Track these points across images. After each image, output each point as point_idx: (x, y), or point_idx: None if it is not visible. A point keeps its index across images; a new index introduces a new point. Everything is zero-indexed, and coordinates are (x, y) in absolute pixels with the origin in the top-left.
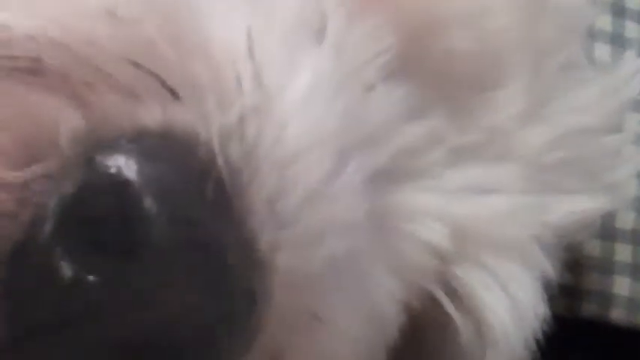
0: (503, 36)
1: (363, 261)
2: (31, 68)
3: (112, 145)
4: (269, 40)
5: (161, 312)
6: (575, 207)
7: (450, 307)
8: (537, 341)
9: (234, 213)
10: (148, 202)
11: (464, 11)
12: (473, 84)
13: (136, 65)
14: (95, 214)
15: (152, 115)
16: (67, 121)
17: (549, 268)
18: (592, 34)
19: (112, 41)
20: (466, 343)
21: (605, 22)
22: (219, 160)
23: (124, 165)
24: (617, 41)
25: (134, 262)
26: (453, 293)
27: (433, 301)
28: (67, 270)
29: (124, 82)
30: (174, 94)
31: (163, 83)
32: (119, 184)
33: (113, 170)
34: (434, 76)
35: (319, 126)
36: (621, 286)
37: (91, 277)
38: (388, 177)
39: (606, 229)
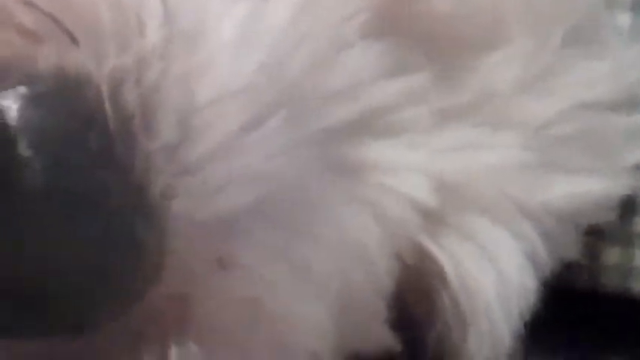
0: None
1: (309, 207)
2: None
3: (1, 87)
4: None
5: (32, 259)
6: (579, 188)
7: (442, 260)
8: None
9: (117, 159)
10: (23, 146)
11: None
12: (461, 46)
13: (35, 7)
14: None
15: (47, 58)
16: None
17: (542, 248)
18: (610, 1)
19: None
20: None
21: None
22: (107, 105)
23: (6, 108)
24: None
25: (5, 205)
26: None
27: (425, 256)
28: None
29: (24, 23)
30: (72, 37)
31: (61, 26)
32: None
33: None
34: (418, 37)
35: (236, 77)
36: None
37: None
38: (356, 132)
39: None
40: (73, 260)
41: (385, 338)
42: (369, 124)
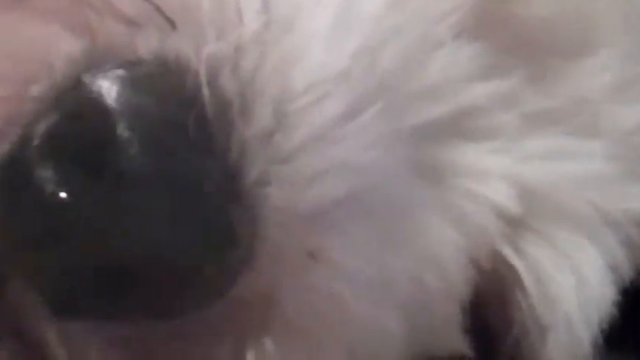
0: (592, 4)
1: (396, 207)
2: None
3: (100, 71)
4: None
5: (128, 236)
6: None
7: (520, 267)
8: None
9: (214, 144)
10: (122, 129)
11: None
12: (557, 50)
13: None
14: (76, 138)
15: (147, 43)
16: (64, 45)
17: (623, 256)
18: None
19: None
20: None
21: None
22: (205, 91)
23: (107, 91)
24: None
25: (106, 187)
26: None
27: (503, 262)
28: (47, 186)
29: (125, 9)
30: (172, 23)
31: (161, 12)
32: (100, 109)
33: (96, 96)
34: (513, 39)
35: (332, 65)
36: None
37: (66, 196)
38: (445, 132)
39: None
40: (167, 244)
41: (458, 343)
42: (458, 126)
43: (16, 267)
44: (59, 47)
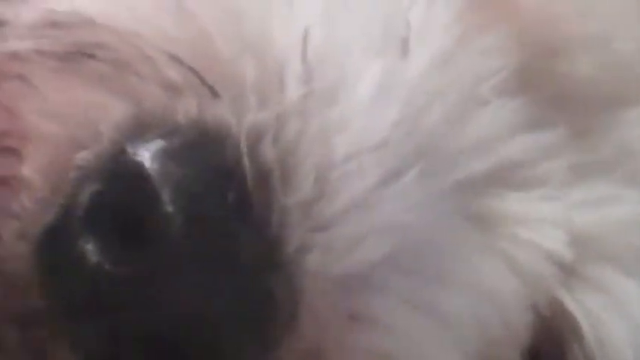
0: (633, 59)
1: (447, 255)
2: (88, 55)
3: (143, 141)
4: (331, 44)
5: (169, 308)
6: None
7: (577, 313)
8: None
9: (255, 214)
10: (165, 201)
11: (589, 35)
12: (600, 103)
13: (180, 61)
14: (118, 209)
15: (188, 111)
16: (110, 111)
17: None
18: None
19: (165, 34)
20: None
21: None
22: (245, 160)
23: (150, 162)
24: None
25: (147, 260)
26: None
27: (560, 309)
28: (86, 258)
29: (169, 76)
30: (213, 91)
31: (203, 80)
32: (142, 181)
33: (139, 167)
34: (557, 94)
35: (373, 133)
36: None
37: (107, 268)
38: (492, 184)
39: None
40: (210, 313)
41: None
42: (504, 177)
43: (59, 335)
44: (104, 111)
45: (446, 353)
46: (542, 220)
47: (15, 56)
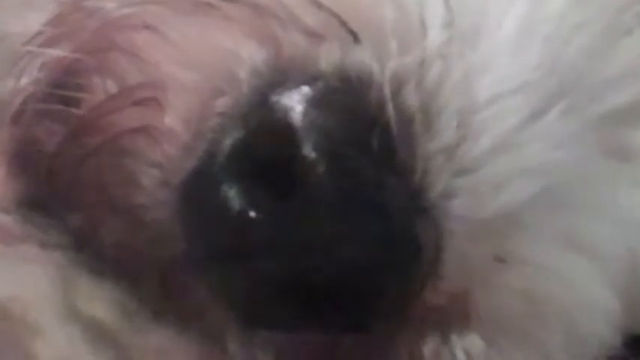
0: None
1: (593, 189)
2: (224, 0)
3: (285, 88)
4: None
5: (314, 253)
6: None
7: None
8: None
9: (398, 161)
10: (309, 147)
11: None
12: None
13: (321, 6)
14: (262, 155)
15: (330, 57)
16: (250, 57)
17: None
18: None
19: None
20: None
21: None
22: (389, 107)
23: (292, 109)
24: None
25: (292, 205)
26: None
27: None
28: (232, 204)
29: (308, 21)
30: (355, 36)
31: (345, 25)
32: (286, 127)
33: (282, 113)
34: None
35: (516, 74)
36: None
37: (253, 214)
38: (634, 116)
39: None
40: (356, 259)
41: None
42: None
43: (202, 280)
44: (244, 57)
45: (598, 288)
46: None
47: (141, 6)
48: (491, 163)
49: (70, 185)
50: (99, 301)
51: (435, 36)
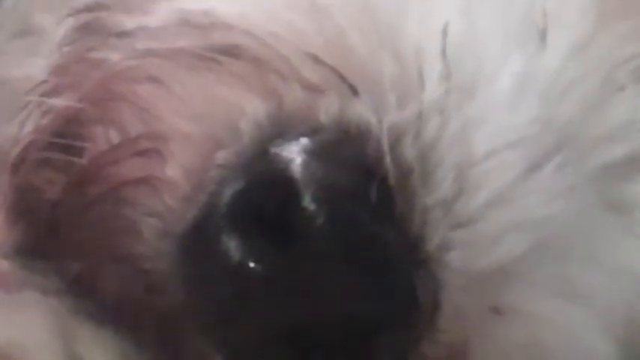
0: None
1: (590, 241)
2: (226, 55)
3: (285, 140)
4: (469, 39)
5: (313, 305)
6: None
7: None
8: None
9: (396, 213)
10: (308, 199)
11: None
12: None
13: (319, 61)
14: (262, 207)
15: (329, 110)
16: (251, 110)
17: None
18: None
19: (302, 33)
20: None
21: None
22: (387, 160)
23: (292, 161)
24: None
25: (290, 258)
26: None
27: None
28: (232, 255)
29: (308, 75)
30: (354, 90)
31: (344, 79)
32: (286, 179)
33: (282, 165)
34: None
35: (513, 128)
36: None
37: (252, 265)
38: (630, 169)
39: None
40: (354, 312)
41: None
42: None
43: (201, 329)
44: (245, 110)
45: (595, 338)
46: None
47: (145, 58)
48: (488, 217)
49: (71, 233)
50: (98, 348)
51: (433, 89)
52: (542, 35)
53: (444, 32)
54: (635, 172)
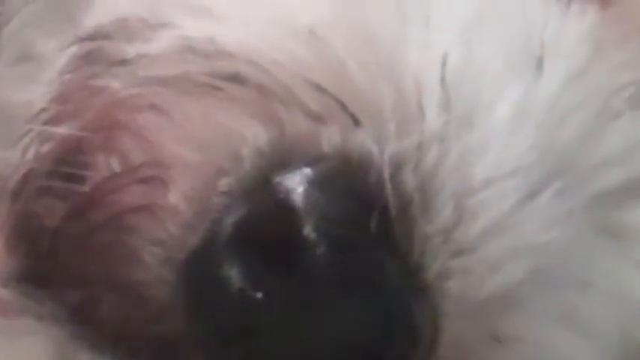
0: None
1: (587, 267)
2: (228, 82)
3: (287, 168)
4: (467, 68)
5: (314, 334)
6: None
7: None
8: None
9: (397, 243)
10: (310, 228)
11: None
12: None
13: (321, 89)
14: (263, 235)
15: (331, 139)
16: (253, 137)
17: None
18: None
19: (303, 62)
20: None
21: None
22: (388, 189)
23: (295, 189)
24: None
25: (292, 286)
26: None
27: None
28: (233, 283)
29: (310, 104)
30: (355, 119)
31: (345, 109)
32: (287, 208)
33: (284, 194)
34: None
35: (511, 156)
36: None
37: (253, 293)
38: (626, 195)
39: None
40: (355, 340)
41: None
42: (638, 189)
43: (201, 357)
44: (247, 138)
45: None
46: None
47: (147, 86)
48: (487, 245)
49: (71, 260)
50: None
51: (433, 119)
52: (539, 64)
53: (443, 62)
54: (631, 198)
